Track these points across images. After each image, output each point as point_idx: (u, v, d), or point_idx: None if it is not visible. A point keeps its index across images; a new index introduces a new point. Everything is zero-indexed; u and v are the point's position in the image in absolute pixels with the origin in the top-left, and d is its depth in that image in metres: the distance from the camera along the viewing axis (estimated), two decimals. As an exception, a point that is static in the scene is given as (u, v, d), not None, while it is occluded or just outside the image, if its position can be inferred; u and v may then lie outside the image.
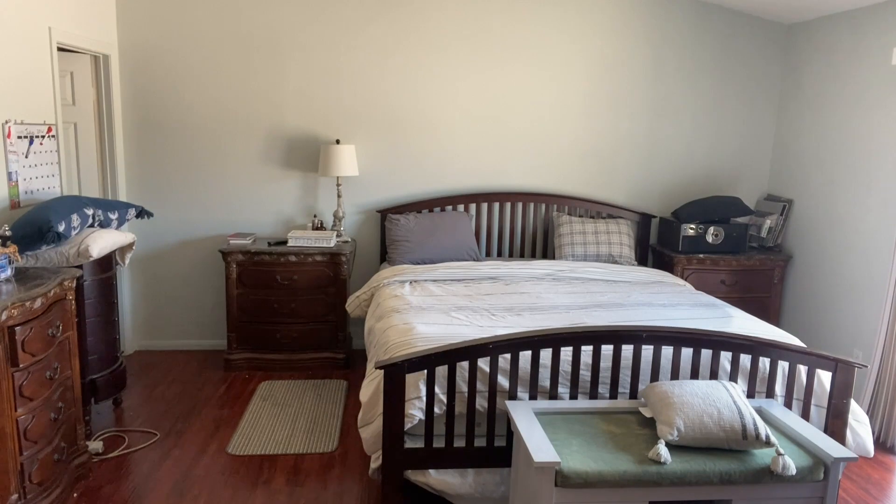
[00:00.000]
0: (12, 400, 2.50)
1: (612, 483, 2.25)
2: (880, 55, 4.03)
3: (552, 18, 4.80)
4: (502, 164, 4.94)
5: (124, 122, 4.66)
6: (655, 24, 4.87)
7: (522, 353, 2.76)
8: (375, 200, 4.93)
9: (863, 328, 4.11)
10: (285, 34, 4.68)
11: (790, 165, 4.91)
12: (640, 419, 2.60)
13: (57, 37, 3.78)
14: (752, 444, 2.35)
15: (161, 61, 4.64)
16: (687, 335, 2.74)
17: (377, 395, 2.80)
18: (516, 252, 4.99)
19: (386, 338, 3.12)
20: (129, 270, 4.82)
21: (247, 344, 4.55)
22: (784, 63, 5.00)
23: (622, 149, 5.01)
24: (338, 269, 4.51)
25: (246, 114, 4.74)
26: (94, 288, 3.53)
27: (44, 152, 3.69)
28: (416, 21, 4.73)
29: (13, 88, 3.42)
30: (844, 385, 2.75)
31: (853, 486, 3.26)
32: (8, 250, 2.80)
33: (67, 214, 3.21)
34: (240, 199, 4.85)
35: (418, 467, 2.71)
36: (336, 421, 3.81)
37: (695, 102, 5.00)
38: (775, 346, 2.77)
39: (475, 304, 3.60)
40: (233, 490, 3.11)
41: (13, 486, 2.51)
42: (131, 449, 3.47)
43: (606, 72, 4.90)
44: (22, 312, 2.54)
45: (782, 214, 4.86)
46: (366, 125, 4.83)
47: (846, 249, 4.30)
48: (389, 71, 4.77)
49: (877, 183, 4.04)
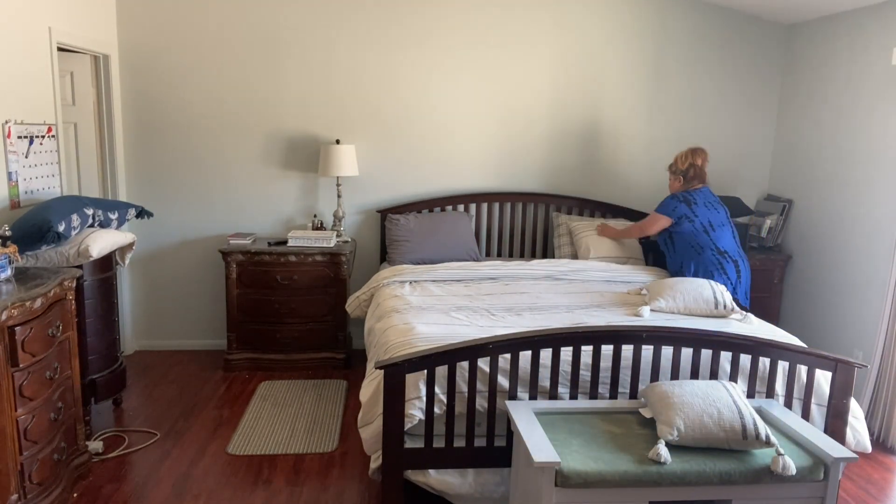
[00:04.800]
0: (12, 400, 2.50)
1: (612, 483, 2.25)
2: (880, 55, 4.03)
3: (552, 19, 4.80)
4: (502, 164, 4.94)
5: (124, 122, 4.66)
6: (655, 24, 4.87)
7: (522, 353, 2.76)
8: (375, 200, 4.93)
9: (863, 328, 4.11)
10: (285, 34, 4.68)
11: (790, 165, 4.91)
12: (640, 419, 2.60)
13: (57, 37, 3.78)
14: (752, 444, 2.35)
15: (161, 61, 4.64)
16: (687, 335, 2.74)
17: (377, 395, 2.80)
18: (516, 252, 5.00)
19: (386, 338, 3.12)
20: (129, 270, 4.82)
21: (247, 344, 4.55)
22: (784, 63, 5.00)
23: (622, 149, 5.01)
24: (338, 269, 4.51)
25: (246, 113, 4.74)
26: (94, 288, 3.53)
27: (44, 152, 3.69)
28: (417, 21, 4.73)
29: (13, 88, 3.42)
30: (844, 385, 2.75)
31: (853, 486, 3.26)
32: (8, 250, 2.80)
33: (67, 214, 3.21)
34: (240, 199, 4.85)
35: (418, 467, 2.71)
36: (336, 421, 3.82)
37: (695, 102, 5.00)
38: (775, 346, 2.78)
39: (475, 304, 3.60)
40: (233, 490, 3.11)
41: (13, 486, 2.51)
42: (131, 449, 3.47)
43: (606, 72, 4.90)
44: (22, 312, 2.54)
45: (782, 214, 4.86)
46: (366, 125, 4.83)
47: (846, 249, 4.30)
48: (390, 71, 4.77)
49: (877, 183, 4.04)
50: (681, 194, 4.08)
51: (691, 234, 4.02)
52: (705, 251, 4.00)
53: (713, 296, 3.49)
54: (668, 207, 4.08)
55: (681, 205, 4.03)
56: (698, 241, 4.01)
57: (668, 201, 4.10)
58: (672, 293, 3.53)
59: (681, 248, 4.08)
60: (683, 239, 4.05)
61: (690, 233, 4.02)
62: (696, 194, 4.07)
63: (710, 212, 4.04)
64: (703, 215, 4.02)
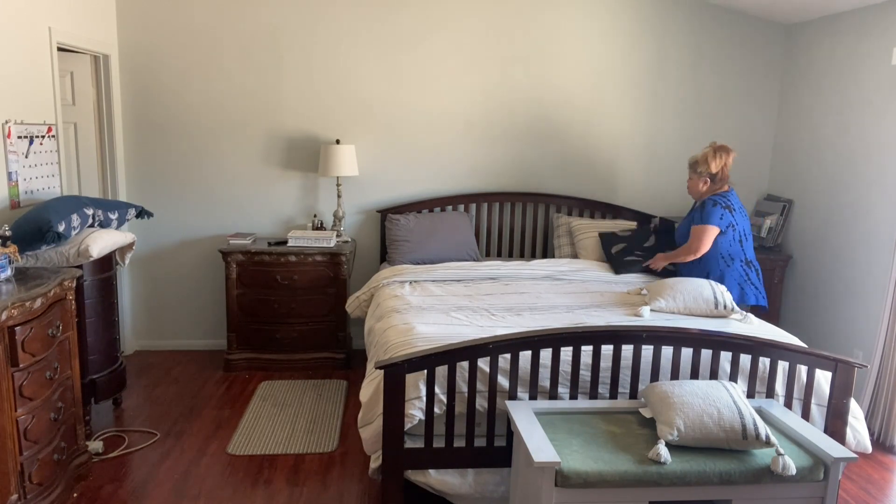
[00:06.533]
0: (12, 400, 2.50)
1: (612, 483, 2.25)
2: (880, 55, 4.03)
3: (553, 19, 4.80)
4: (502, 164, 4.94)
5: (124, 122, 4.66)
6: (655, 24, 4.87)
7: (522, 353, 2.76)
8: (375, 200, 4.93)
9: (863, 328, 4.11)
10: (285, 34, 4.68)
11: (790, 165, 4.91)
12: (640, 419, 2.60)
13: (57, 37, 3.78)
14: (752, 444, 2.35)
15: (161, 61, 4.64)
16: (687, 335, 2.74)
17: (377, 395, 2.80)
18: (516, 252, 4.99)
19: (386, 338, 3.12)
20: (129, 270, 4.82)
21: (247, 344, 4.55)
22: (784, 63, 5.00)
23: (622, 148, 5.01)
24: (338, 269, 4.51)
25: (246, 114, 4.74)
26: (94, 288, 3.53)
27: (44, 152, 3.69)
28: (417, 21, 4.73)
29: (13, 88, 3.42)
30: (844, 385, 2.75)
31: (853, 486, 3.26)
32: (8, 250, 2.80)
33: (67, 214, 3.21)
34: (240, 199, 4.85)
35: (418, 467, 2.71)
36: (336, 421, 3.82)
37: (695, 102, 5.00)
38: (775, 346, 2.78)
39: (475, 304, 3.60)
40: (233, 490, 3.11)
41: (13, 487, 2.51)
42: (131, 449, 3.47)
43: (606, 72, 4.90)
44: (22, 312, 2.54)
45: (782, 214, 4.86)
46: (366, 125, 4.83)
47: (846, 249, 4.30)
48: (390, 71, 4.77)
49: (877, 183, 4.04)
50: (721, 200, 3.78)
51: (727, 244, 3.78)
52: (735, 262, 3.79)
53: (713, 296, 3.49)
54: (715, 217, 3.74)
55: (726, 212, 3.74)
56: (731, 251, 3.78)
57: (714, 210, 3.74)
58: (672, 293, 3.52)
59: (710, 258, 3.80)
60: (716, 248, 3.78)
61: (728, 242, 3.77)
62: (731, 199, 3.80)
63: (745, 219, 3.83)
64: (741, 223, 3.79)
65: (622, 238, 4.43)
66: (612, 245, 4.40)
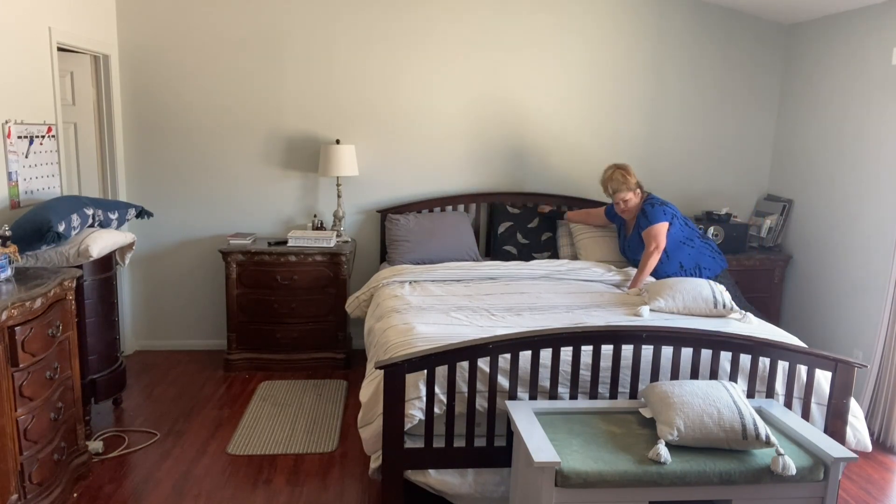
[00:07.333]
0: (12, 400, 2.50)
1: (612, 483, 2.25)
2: (880, 55, 4.03)
3: (552, 19, 4.80)
4: (503, 165, 4.94)
5: (124, 122, 4.66)
6: (655, 24, 4.87)
7: (522, 353, 2.76)
8: (375, 200, 4.93)
9: (863, 328, 4.11)
10: (285, 34, 4.68)
11: (790, 165, 4.91)
12: (640, 419, 2.60)
13: (57, 37, 3.78)
14: (752, 444, 2.35)
15: (161, 61, 4.64)
16: (687, 335, 2.74)
17: (377, 395, 2.80)
18: (516, 252, 4.99)
19: (386, 338, 3.12)
20: (129, 270, 4.82)
21: (247, 344, 4.55)
22: (784, 63, 5.00)
23: (622, 149, 5.00)
24: (338, 269, 4.51)
25: (246, 113, 4.74)
26: (94, 288, 3.53)
27: (44, 152, 3.69)
28: (417, 21, 4.73)
29: (13, 88, 3.42)
30: (844, 385, 2.75)
31: (853, 486, 3.26)
32: (8, 250, 2.80)
33: (67, 214, 3.22)
34: (240, 199, 4.85)
35: (418, 467, 2.71)
36: (336, 421, 3.82)
37: (695, 102, 5.00)
38: (775, 346, 2.77)
39: (475, 304, 3.60)
40: (233, 490, 3.11)
41: (13, 487, 2.51)
42: (131, 449, 3.47)
43: (606, 72, 4.90)
44: (22, 312, 2.54)
45: (782, 214, 4.87)
46: (366, 125, 4.83)
47: (846, 249, 4.30)
48: (390, 71, 4.77)
49: (877, 183, 4.04)
50: (653, 199, 4.11)
51: (680, 230, 4.09)
52: (695, 240, 4.12)
53: (713, 295, 3.49)
54: (658, 214, 4.03)
55: (664, 206, 4.08)
56: (686, 234, 4.11)
57: (654, 210, 4.05)
58: (671, 293, 3.53)
59: (673, 249, 4.08)
60: (673, 238, 4.06)
61: (680, 228, 4.09)
62: (655, 197, 4.17)
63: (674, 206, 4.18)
64: (675, 210, 4.14)
65: (511, 215, 4.75)
66: (500, 223, 4.75)
